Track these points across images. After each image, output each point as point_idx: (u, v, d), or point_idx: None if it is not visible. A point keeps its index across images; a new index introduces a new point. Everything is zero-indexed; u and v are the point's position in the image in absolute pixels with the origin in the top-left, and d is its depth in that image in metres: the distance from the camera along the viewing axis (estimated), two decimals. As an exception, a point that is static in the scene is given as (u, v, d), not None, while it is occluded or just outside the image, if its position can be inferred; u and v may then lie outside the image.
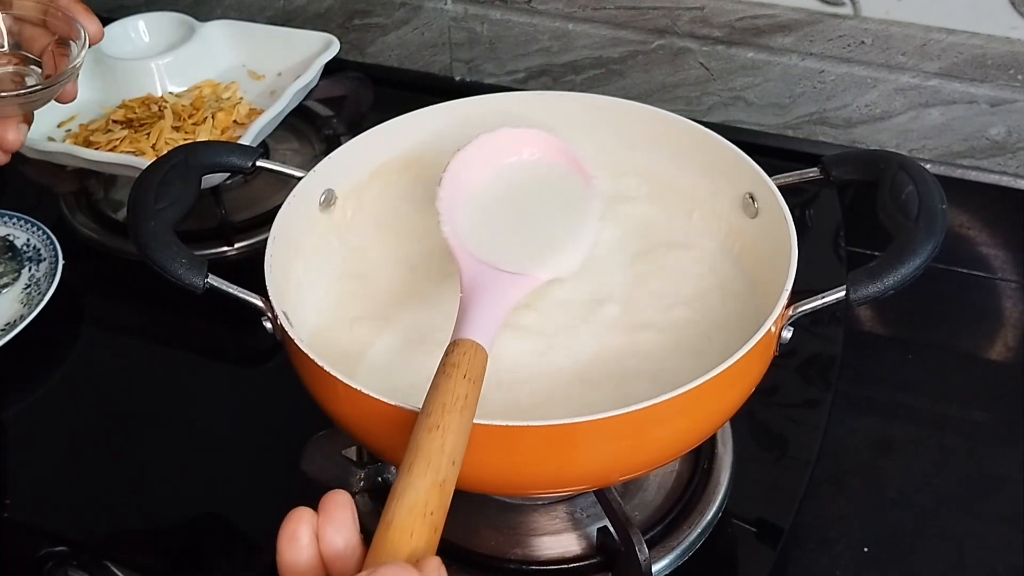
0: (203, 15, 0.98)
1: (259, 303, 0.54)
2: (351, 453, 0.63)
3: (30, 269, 0.82)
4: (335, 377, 0.48)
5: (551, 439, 0.47)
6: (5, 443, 0.74)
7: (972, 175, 0.91)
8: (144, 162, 0.77)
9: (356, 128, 0.67)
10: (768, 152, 0.69)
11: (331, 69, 0.91)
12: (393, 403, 0.46)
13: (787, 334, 0.53)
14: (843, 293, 0.52)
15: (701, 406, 0.49)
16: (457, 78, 1.06)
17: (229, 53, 0.97)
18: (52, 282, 0.78)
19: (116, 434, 0.72)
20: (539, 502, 0.62)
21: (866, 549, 0.63)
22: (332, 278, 0.63)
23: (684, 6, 0.92)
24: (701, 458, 0.64)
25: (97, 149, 0.85)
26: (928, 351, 0.78)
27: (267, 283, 0.54)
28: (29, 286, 0.81)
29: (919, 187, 0.55)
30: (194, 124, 0.87)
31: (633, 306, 0.59)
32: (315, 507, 0.66)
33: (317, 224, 0.63)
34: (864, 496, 0.66)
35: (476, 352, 0.47)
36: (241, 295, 0.55)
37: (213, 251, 0.84)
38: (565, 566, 0.59)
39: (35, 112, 0.60)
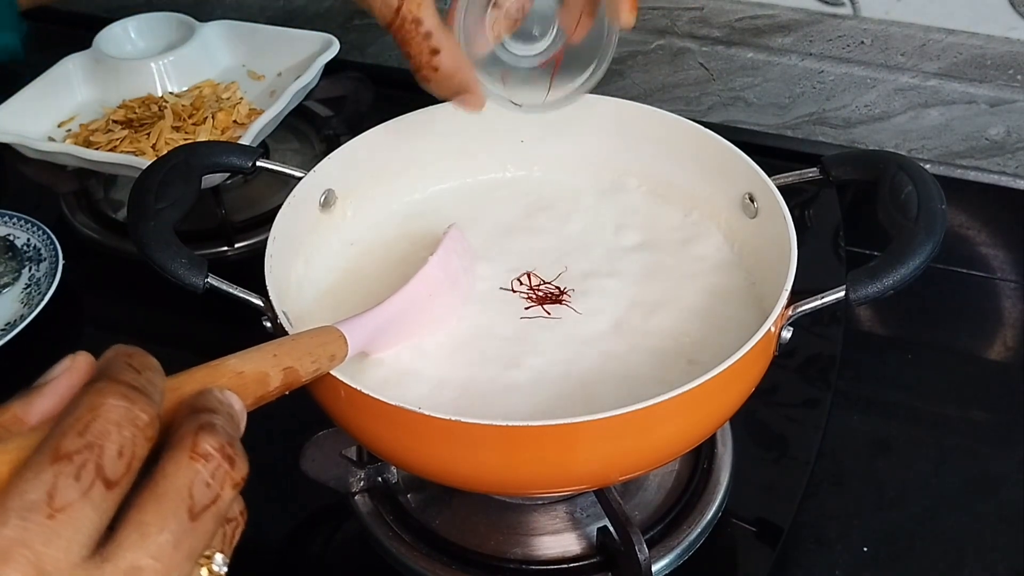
0: (203, 15, 0.98)
1: (259, 303, 0.54)
2: (351, 453, 0.63)
3: (30, 269, 0.82)
4: (335, 377, 0.48)
5: (551, 439, 0.47)
6: (5, 443, 0.74)
7: (971, 175, 0.91)
8: (144, 162, 0.77)
9: (356, 128, 0.67)
10: (768, 152, 0.69)
11: (331, 69, 0.91)
12: (393, 403, 0.46)
13: (787, 334, 0.53)
14: (843, 293, 0.52)
15: (701, 406, 0.49)
16: (457, 78, 1.06)
17: (229, 53, 0.97)
18: (52, 282, 0.78)
19: (116, 434, 0.72)
20: (539, 502, 0.62)
21: (865, 549, 0.63)
22: (332, 278, 0.63)
23: (684, 6, 0.92)
24: (701, 458, 0.64)
25: (97, 149, 0.85)
26: (928, 351, 0.78)
27: (267, 283, 0.54)
28: (29, 286, 0.81)
29: (918, 187, 0.55)
30: (194, 124, 0.87)
31: (632, 306, 0.59)
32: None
33: (317, 224, 0.63)
34: (864, 496, 0.66)
35: (339, 347, 0.46)
36: (241, 295, 0.55)
37: (213, 251, 0.84)
38: (565, 566, 0.59)
39: (35, 113, 0.59)
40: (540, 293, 0.60)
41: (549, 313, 0.59)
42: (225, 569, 0.29)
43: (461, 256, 0.59)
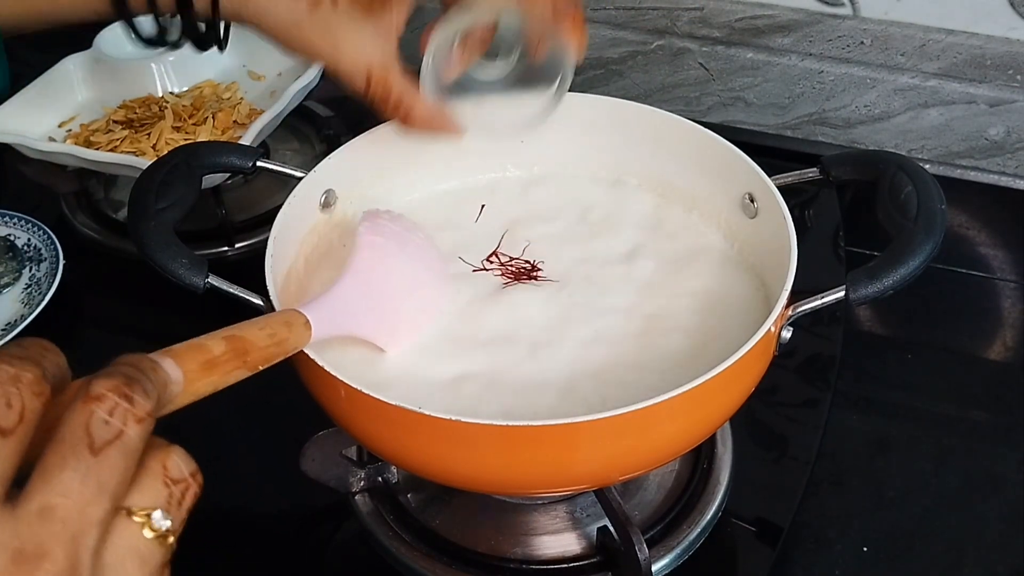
0: (203, 15, 0.98)
1: (259, 303, 0.54)
2: (351, 453, 0.63)
3: (31, 269, 0.82)
4: (336, 377, 0.48)
5: (551, 439, 0.47)
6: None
7: (971, 175, 0.91)
8: (144, 162, 0.77)
9: (356, 128, 0.67)
10: (767, 152, 0.69)
11: (331, 69, 0.91)
12: (393, 403, 0.46)
13: (787, 334, 0.53)
14: (842, 293, 0.52)
15: (701, 406, 0.49)
16: (457, 78, 1.06)
17: (229, 53, 0.96)
18: (52, 282, 0.78)
19: (116, 434, 0.72)
20: (539, 502, 0.62)
21: (865, 548, 0.63)
22: (332, 278, 0.63)
23: (683, 6, 0.92)
24: (701, 458, 0.64)
25: (98, 149, 0.85)
26: (927, 351, 0.78)
27: (267, 283, 0.54)
28: (30, 286, 0.81)
29: (918, 187, 0.55)
30: (194, 124, 0.88)
31: (632, 306, 0.59)
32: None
33: (317, 224, 0.63)
34: (863, 495, 0.66)
35: (294, 316, 0.47)
36: (241, 295, 0.55)
37: (213, 251, 0.85)
38: (565, 566, 0.59)
39: (35, 113, 0.59)
40: (514, 269, 0.61)
41: (547, 313, 0.59)
42: (167, 524, 0.29)
43: (395, 223, 0.59)
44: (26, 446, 0.27)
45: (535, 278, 0.61)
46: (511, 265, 0.62)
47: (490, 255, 0.63)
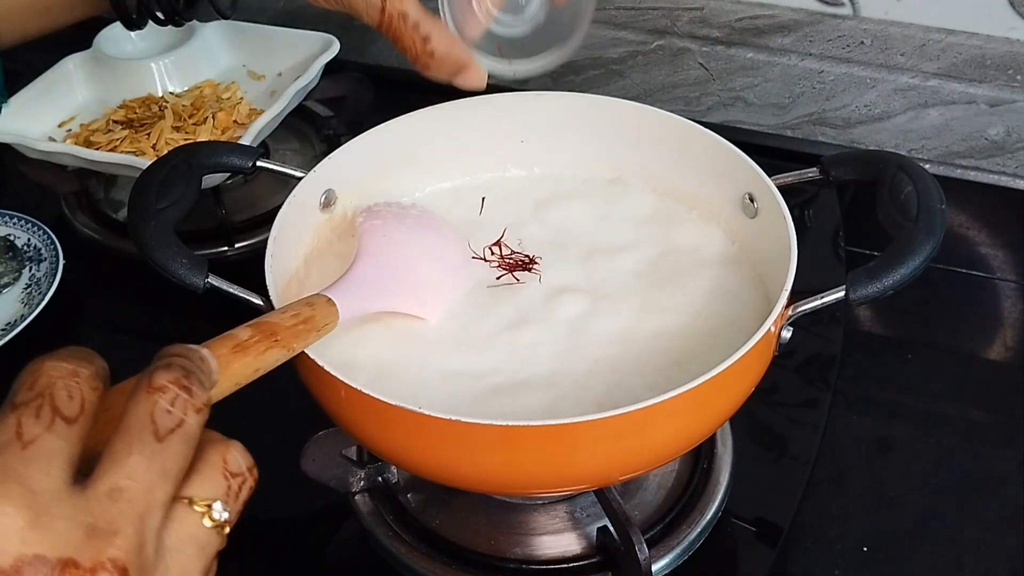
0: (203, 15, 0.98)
1: (259, 303, 0.54)
2: (351, 453, 0.63)
3: (31, 269, 0.82)
4: (336, 377, 0.48)
5: (551, 439, 0.47)
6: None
7: (971, 175, 0.91)
8: (144, 162, 0.77)
9: (356, 128, 0.67)
10: (767, 152, 0.69)
11: (331, 69, 0.92)
12: (393, 403, 0.46)
13: (787, 334, 0.53)
14: (842, 293, 0.52)
15: (701, 406, 0.49)
16: (457, 78, 1.06)
17: (229, 53, 0.97)
18: (52, 282, 0.78)
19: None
20: (539, 502, 0.62)
21: (865, 548, 0.63)
22: (332, 278, 0.63)
23: (683, 6, 0.92)
24: (701, 458, 0.64)
25: (98, 149, 0.85)
26: (928, 351, 0.78)
27: (267, 283, 0.54)
28: (30, 286, 0.81)
29: (918, 187, 0.55)
30: (194, 124, 0.88)
31: (632, 306, 0.59)
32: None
33: (317, 224, 0.63)
34: (863, 496, 0.67)
35: (318, 298, 0.48)
36: (241, 295, 0.55)
37: (213, 251, 0.85)
38: (565, 566, 0.59)
39: (36, 113, 0.59)
40: (511, 261, 0.62)
41: (546, 314, 0.59)
42: (226, 515, 0.31)
43: (389, 206, 0.61)
44: (87, 434, 0.29)
45: (530, 270, 0.61)
46: (509, 259, 0.62)
47: (493, 244, 0.63)
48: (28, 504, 0.27)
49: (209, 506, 0.31)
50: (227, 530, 0.32)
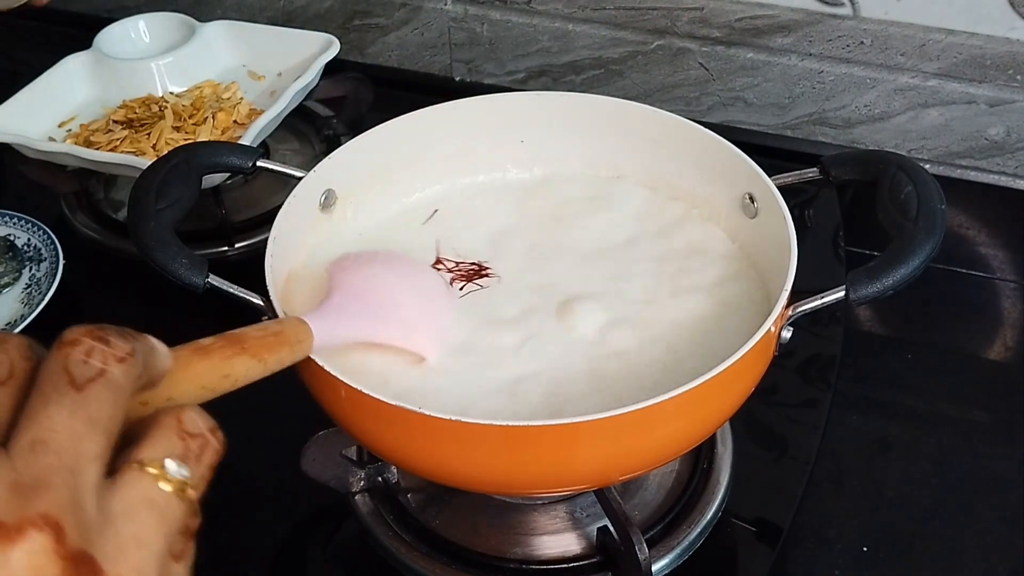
0: (203, 15, 0.98)
1: (259, 303, 0.54)
2: (351, 453, 0.63)
3: (31, 269, 0.82)
4: (336, 377, 0.48)
5: (551, 439, 0.47)
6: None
7: (971, 175, 0.91)
8: (144, 162, 0.77)
9: (356, 128, 0.67)
10: (767, 152, 0.69)
11: (331, 69, 0.92)
12: (393, 403, 0.46)
13: (787, 334, 0.53)
14: (842, 293, 0.52)
15: (701, 406, 0.49)
16: (457, 78, 1.06)
17: (229, 53, 0.97)
18: (52, 282, 0.78)
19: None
20: (539, 502, 0.62)
21: (865, 548, 0.63)
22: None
23: (684, 6, 0.92)
24: (701, 458, 0.64)
25: (98, 149, 0.85)
26: (928, 351, 0.78)
27: (267, 283, 0.54)
28: (30, 286, 0.81)
29: (918, 187, 0.55)
30: (194, 124, 0.88)
31: (632, 306, 0.59)
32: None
33: (317, 224, 0.63)
34: (863, 496, 0.66)
35: (291, 321, 0.47)
36: (241, 295, 0.55)
37: (213, 251, 0.85)
38: (565, 566, 0.59)
39: (35, 113, 0.59)
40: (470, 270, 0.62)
41: (545, 315, 0.59)
42: (184, 473, 0.29)
43: (359, 254, 0.60)
44: (17, 400, 0.27)
45: (485, 275, 0.61)
46: (460, 268, 0.62)
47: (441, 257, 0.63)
48: None
49: (162, 467, 0.28)
50: (191, 494, 0.29)
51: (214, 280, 0.55)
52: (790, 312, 0.52)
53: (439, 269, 0.62)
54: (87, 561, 0.25)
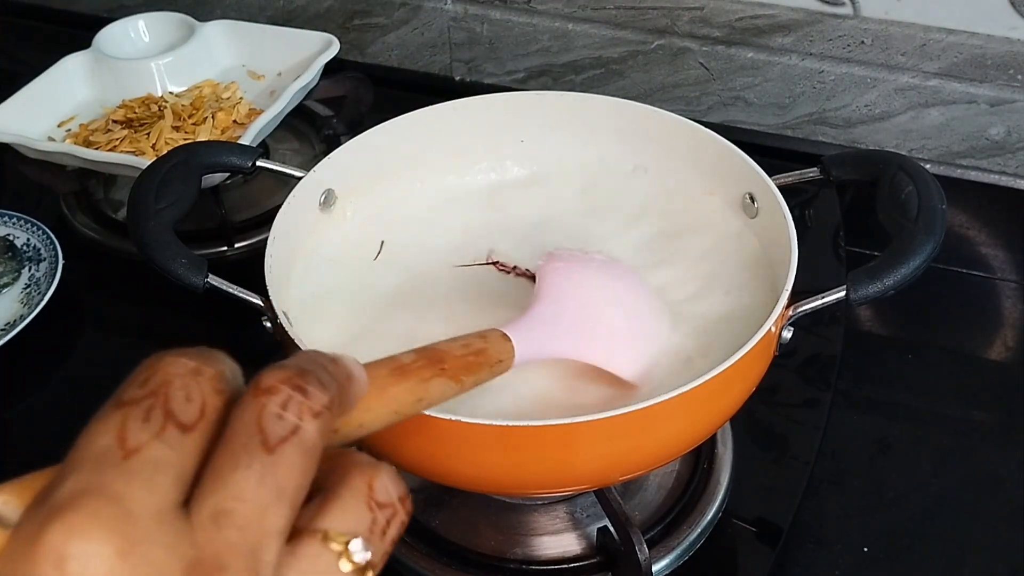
0: (203, 15, 0.98)
1: (259, 303, 0.54)
2: (351, 453, 0.62)
3: (30, 269, 0.82)
4: (335, 377, 0.48)
5: (551, 439, 0.47)
6: (5, 443, 0.74)
7: (972, 175, 0.91)
8: (144, 162, 0.77)
9: (356, 128, 0.67)
10: (768, 152, 0.69)
11: (331, 69, 0.91)
12: (393, 403, 0.46)
13: (787, 334, 0.53)
14: (843, 293, 0.52)
15: (701, 406, 0.49)
16: (457, 78, 1.06)
17: (229, 53, 0.97)
18: (52, 282, 0.78)
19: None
20: (539, 502, 0.62)
21: (865, 549, 0.63)
22: (332, 278, 0.63)
23: (684, 6, 0.92)
24: (701, 458, 0.64)
25: (97, 149, 0.85)
26: (928, 351, 0.78)
27: (267, 283, 0.54)
28: (29, 286, 0.81)
29: (919, 187, 0.55)
30: (194, 124, 0.87)
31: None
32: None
33: (317, 224, 0.63)
34: (863, 496, 0.66)
35: (493, 334, 0.44)
36: (241, 295, 0.55)
37: (213, 251, 0.84)
38: (565, 566, 0.59)
39: (35, 113, 0.59)
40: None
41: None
42: (367, 556, 0.25)
43: (574, 251, 0.57)
44: (204, 449, 0.24)
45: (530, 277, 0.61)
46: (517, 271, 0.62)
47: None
48: (122, 529, 0.22)
49: (347, 544, 0.25)
50: (370, 574, 0.26)
51: (214, 280, 0.55)
52: (790, 312, 0.52)
53: (503, 270, 0.61)
54: None
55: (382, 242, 0.63)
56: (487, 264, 0.63)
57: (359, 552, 0.25)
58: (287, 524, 0.24)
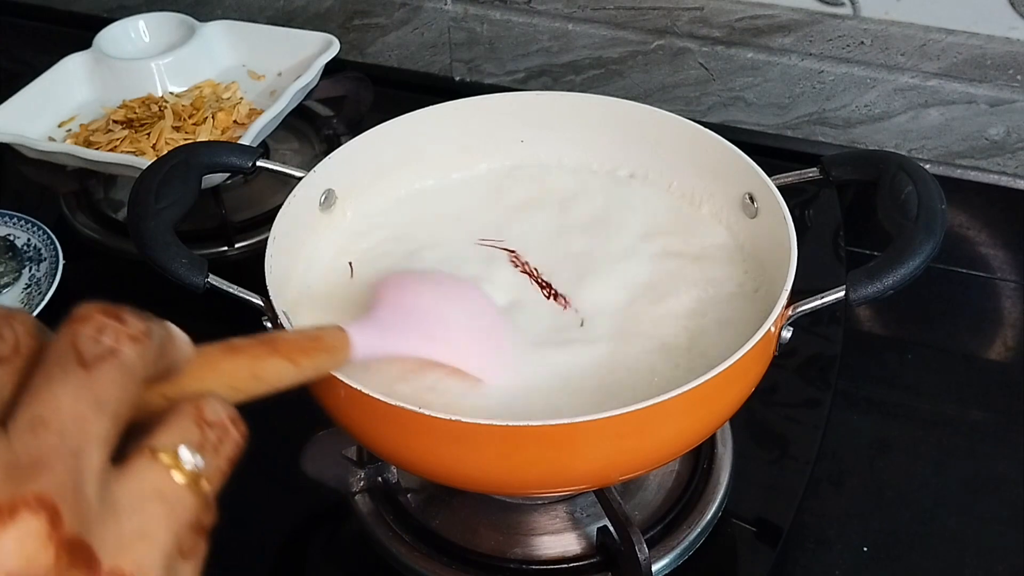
0: (203, 15, 0.98)
1: (259, 303, 0.54)
2: (351, 453, 0.63)
3: (30, 269, 0.82)
4: (335, 377, 0.48)
5: (551, 439, 0.47)
6: (5, 443, 0.74)
7: (971, 175, 0.91)
8: (144, 162, 0.77)
9: (356, 128, 0.67)
10: (768, 152, 0.69)
11: (331, 69, 0.91)
12: (393, 403, 0.46)
13: (787, 334, 0.53)
14: (843, 293, 0.52)
15: (701, 406, 0.49)
16: (457, 78, 1.06)
17: (229, 53, 0.97)
18: (52, 282, 0.78)
19: (116, 434, 0.72)
20: (539, 502, 0.62)
21: (865, 549, 0.63)
22: (332, 278, 0.63)
23: (684, 6, 0.92)
24: (701, 458, 0.64)
25: (97, 149, 0.85)
26: (928, 351, 0.78)
27: (267, 283, 0.54)
28: (29, 286, 0.81)
29: (918, 187, 0.55)
30: (194, 124, 0.87)
31: (631, 305, 0.59)
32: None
33: (317, 224, 0.63)
34: (863, 496, 0.66)
35: (332, 330, 0.44)
36: (241, 295, 0.55)
37: (213, 251, 0.84)
38: (565, 566, 0.59)
39: (35, 113, 0.59)
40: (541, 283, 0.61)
41: (543, 316, 0.59)
42: (198, 463, 0.26)
43: (405, 271, 0.59)
44: (20, 380, 0.25)
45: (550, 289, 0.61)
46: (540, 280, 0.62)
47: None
48: None
49: (176, 455, 0.26)
50: (205, 487, 0.27)
51: (214, 280, 0.55)
52: (790, 312, 0.52)
53: (526, 274, 0.61)
54: (83, 550, 0.23)
55: (350, 263, 0.63)
56: (504, 250, 0.62)
57: (188, 460, 0.26)
58: (109, 435, 0.25)
